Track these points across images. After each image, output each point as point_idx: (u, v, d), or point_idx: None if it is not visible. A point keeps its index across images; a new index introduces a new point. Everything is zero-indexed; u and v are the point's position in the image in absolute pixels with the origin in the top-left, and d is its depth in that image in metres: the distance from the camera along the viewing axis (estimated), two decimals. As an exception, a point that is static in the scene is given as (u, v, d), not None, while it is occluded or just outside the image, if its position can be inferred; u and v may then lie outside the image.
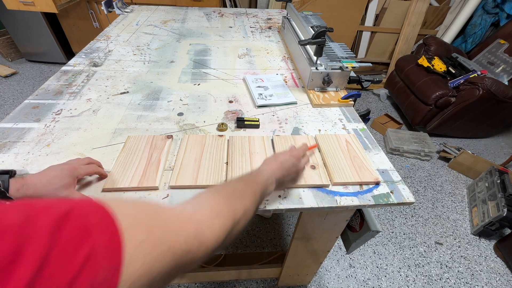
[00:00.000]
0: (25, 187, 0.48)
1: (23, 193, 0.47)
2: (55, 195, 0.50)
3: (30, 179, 0.49)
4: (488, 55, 2.30)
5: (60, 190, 0.51)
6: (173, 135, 0.77)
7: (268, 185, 0.50)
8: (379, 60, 2.93)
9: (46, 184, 0.50)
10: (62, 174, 0.52)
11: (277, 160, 0.56)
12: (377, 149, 0.78)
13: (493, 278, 1.40)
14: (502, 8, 2.36)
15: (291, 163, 0.56)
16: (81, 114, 0.83)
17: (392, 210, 1.69)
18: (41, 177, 0.51)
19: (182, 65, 1.14)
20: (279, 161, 0.55)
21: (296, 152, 0.59)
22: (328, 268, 1.39)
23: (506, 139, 2.40)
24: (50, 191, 0.50)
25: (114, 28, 1.44)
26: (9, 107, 2.30)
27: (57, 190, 0.51)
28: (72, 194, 0.53)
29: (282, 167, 0.55)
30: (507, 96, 1.87)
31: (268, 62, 1.21)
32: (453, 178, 1.96)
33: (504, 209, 1.43)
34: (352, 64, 0.96)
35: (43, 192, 0.49)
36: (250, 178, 0.49)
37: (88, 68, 1.07)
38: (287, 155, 0.57)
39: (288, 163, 0.56)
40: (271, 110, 0.92)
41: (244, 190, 0.44)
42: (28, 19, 2.53)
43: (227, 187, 0.44)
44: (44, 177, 0.51)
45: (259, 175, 0.50)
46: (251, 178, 0.49)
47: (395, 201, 0.64)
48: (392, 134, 2.15)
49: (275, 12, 1.87)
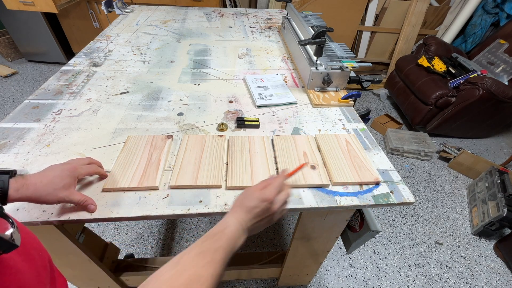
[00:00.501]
0: (25, 187, 0.47)
1: (23, 193, 0.47)
2: (55, 195, 0.50)
3: (30, 179, 0.49)
4: (488, 55, 2.30)
5: (60, 190, 0.51)
6: (173, 135, 0.77)
7: (236, 240, 0.44)
8: (379, 60, 2.93)
9: (46, 184, 0.50)
10: (62, 174, 0.52)
11: (245, 205, 0.47)
12: (377, 149, 0.78)
13: (493, 278, 1.40)
14: (502, 8, 2.36)
15: (263, 208, 0.48)
16: (81, 114, 0.83)
17: (392, 210, 1.69)
18: (42, 177, 0.50)
19: (182, 65, 1.14)
20: (247, 207, 0.47)
21: (269, 191, 0.49)
22: (328, 268, 1.39)
23: (506, 139, 2.40)
24: (50, 191, 0.50)
25: (114, 28, 1.44)
26: (9, 107, 2.30)
27: (57, 190, 0.50)
28: (72, 194, 0.53)
29: (252, 214, 0.47)
30: (507, 96, 1.87)
31: (268, 62, 1.21)
32: (453, 178, 1.96)
33: (504, 209, 1.43)
34: (352, 64, 0.96)
35: (43, 192, 0.49)
36: (210, 244, 0.40)
37: (88, 68, 1.07)
38: (259, 200, 0.48)
39: (258, 209, 0.47)
40: (271, 110, 0.92)
41: (198, 269, 0.36)
42: (28, 19, 2.53)
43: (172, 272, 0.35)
44: (45, 177, 0.50)
45: (222, 234, 0.43)
46: (210, 244, 0.40)
47: (395, 201, 0.64)
48: (392, 134, 2.15)
49: (275, 12, 1.87)
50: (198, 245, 0.40)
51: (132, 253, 1.38)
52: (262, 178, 0.65)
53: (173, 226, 1.53)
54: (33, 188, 0.48)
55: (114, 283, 1.00)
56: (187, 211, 0.58)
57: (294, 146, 0.75)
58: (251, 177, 0.65)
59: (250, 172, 0.66)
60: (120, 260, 1.08)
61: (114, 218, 0.56)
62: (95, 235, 0.95)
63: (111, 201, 0.59)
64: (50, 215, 0.55)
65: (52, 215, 0.55)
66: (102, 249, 0.98)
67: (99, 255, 0.94)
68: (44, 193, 0.49)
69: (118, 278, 1.02)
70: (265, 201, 0.48)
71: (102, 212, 0.56)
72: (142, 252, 1.40)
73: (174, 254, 1.39)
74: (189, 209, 0.59)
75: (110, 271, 0.97)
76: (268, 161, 0.70)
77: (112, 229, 1.48)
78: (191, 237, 1.47)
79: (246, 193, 0.50)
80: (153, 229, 1.49)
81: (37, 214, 0.55)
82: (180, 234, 1.48)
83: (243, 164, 0.68)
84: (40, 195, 0.49)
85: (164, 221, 1.55)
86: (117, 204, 0.58)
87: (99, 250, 0.96)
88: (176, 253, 1.49)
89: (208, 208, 0.59)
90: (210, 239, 0.42)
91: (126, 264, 1.07)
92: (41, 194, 0.49)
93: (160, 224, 1.52)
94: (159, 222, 1.53)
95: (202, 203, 0.60)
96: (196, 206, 0.59)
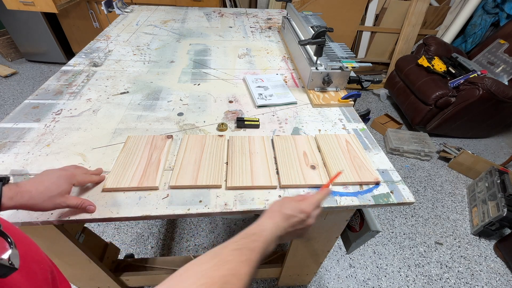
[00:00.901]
0: (19, 195, 0.45)
1: (17, 201, 0.45)
2: (51, 202, 0.49)
3: (25, 186, 0.47)
4: (488, 55, 2.30)
5: (56, 197, 0.50)
6: (173, 135, 0.77)
7: (270, 244, 0.42)
8: (379, 60, 2.93)
9: (42, 192, 0.48)
10: (59, 182, 0.51)
11: (283, 212, 0.47)
12: (377, 149, 0.78)
13: (493, 278, 1.40)
14: (502, 8, 2.36)
15: (299, 219, 0.47)
16: (81, 114, 0.83)
17: (392, 210, 1.69)
18: (37, 184, 0.49)
19: (182, 65, 1.14)
20: (285, 215, 0.47)
21: (308, 204, 0.49)
22: (328, 268, 1.39)
23: (506, 139, 2.40)
24: (45, 199, 0.48)
25: (114, 28, 1.44)
26: (9, 107, 2.30)
27: (53, 198, 0.49)
28: (68, 199, 0.52)
29: (288, 223, 0.46)
30: (507, 96, 1.87)
31: (268, 62, 1.21)
32: (453, 178, 1.96)
33: (504, 209, 1.43)
34: (352, 64, 0.96)
35: (39, 200, 0.48)
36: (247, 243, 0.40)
37: (88, 68, 1.07)
38: (297, 210, 0.47)
39: (295, 219, 0.47)
40: (271, 110, 0.92)
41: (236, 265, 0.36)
42: (28, 19, 2.53)
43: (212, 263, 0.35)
44: (41, 184, 0.49)
45: (259, 236, 0.42)
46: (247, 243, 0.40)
47: (395, 201, 0.64)
48: (392, 134, 2.15)
49: (275, 12, 1.87)
50: (235, 242, 0.40)
51: (132, 253, 1.38)
52: (262, 178, 0.65)
53: (173, 226, 1.53)
54: (28, 196, 0.46)
55: (114, 283, 1.00)
56: (187, 211, 0.58)
57: (294, 146, 0.75)
58: (251, 177, 0.65)
59: (250, 172, 0.66)
60: (120, 260, 1.08)
61: (114, 218, 0.56)
62: (95, 235, 0.95)
63: (111, 201, 0.59)
64: (50, 215, 0.55)
65: (52, 215, 0.55)
66: (102, 249, 0.98)
67: (99, 255, 0.94)
68: (39, 200, 0.48)
69: (118, 278, 1.02)
70: (303, 213, 0.48)
71: (102, 212, 0.56)
72: (142, 252, 1.40)
73: (174, 254, 1.40)
74: (189, 209, 0.59)
75: (110, 271, 0.97)
76: (268, 161, 0.70)
77: (112, 229, 1.48)
78: (191, 237, 1.47)
79: (284, 201, 0.50)
80: (153, 229, 1.49)
81: (37, 214, 0.55)
82: (180, 234, 1.48)
83: (243, 164, 0.68)
84: (36, 203, 0.47)
85: (164, 221, 1.55)
86: (117, 204, 0.58)
87: (99, 250, 0.96)
88: (176, 253, 1.48)
89: (208, 208, 0.59)
90: (247, 238, 0.41)
91: (126, 264, 1.07)
92: (37, 201, 0.47)
93: (160, 224, 1.52)
94: (159, 222, 1.53)
95: (202, 203, 0.60)
96: (196, 206, 0.59)
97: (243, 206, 0.60)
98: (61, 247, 0.74)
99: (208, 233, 1.50)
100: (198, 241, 1.46)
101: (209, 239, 1.47)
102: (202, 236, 1.48)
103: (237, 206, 0.60)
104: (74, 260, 0.82)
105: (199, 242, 1.46)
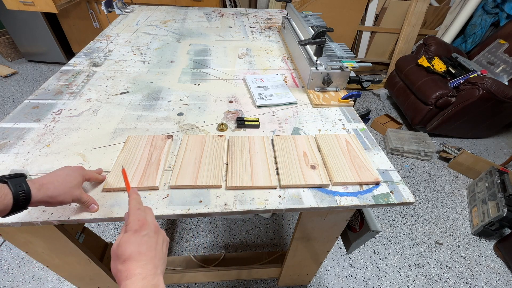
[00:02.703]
0: (45, 187, 0.47)
1: (44, 193, 0.46)
2: (70, 193, 0.50)
3: (44, 179, 0.48)
4: (488, 55, 2.30)
5: (74, 188, 0.51)
6: (173, 135, 0.77)
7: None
8: (379, 60, 2.93)
9: (62, 183, 0.49)
10: (74, 174, 0.52)
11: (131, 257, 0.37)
12: (377, 149, 0.78)
13: (493, 278, 1.40)
14: (502, 8, 2.36)
15: (146, 235, 0.41)
16: (81, 114, 0.83)
17: (392, 210, 1.69)
18: (55, 176, 0.50)
19: (182, 65, 1.14)
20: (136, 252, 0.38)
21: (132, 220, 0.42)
22: (328, 268, 1.39)
23: (506, 139, 2.40)
24: (66, 190, 0.49)
25: (114, 28, 1.44)
26: (9, 107, 2.30)
27: (73, 189, 0.50)
28: (82, 193, 0.53)
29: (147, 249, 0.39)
30: (507, 96, 1.87)
31: (268, 62, 1.21)
32: (453, 178, 1.96)
33: (504, 209, 1.43)
34: (352, 64, 0.96)
35: (61, 191, 0.49)
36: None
37: (88, 68, 1.07)
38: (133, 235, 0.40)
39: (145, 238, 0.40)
40: (271, 110, 0.92)
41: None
42: (28, 19, 2.53)
43: None
44: (58, 176, 0.50)
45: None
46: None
47: (395, 201, 0.64)
48: (392, 134, 2.16)
49: (275, 12, 1.87)
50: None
51: (132, 253, 1.38)
52: (262, 178, 0.65)
53: (173, 226, 1.53)
54: (52, 187, 0.48)
55: (114, 283, 1.00)
56: (187, 211, 0.58)
57: (294, 146, 0.75)
58: (251, 177, 0.65)
59: (250, 172, 0.66)
60: (120, 260, 1.08)
61: (114, 218, 0.56)
62: (95, 235, 0.95)
63: (111, 201, 0.59)
64: (50, 215, 0.55)
65: (52, 215, 0.55)
66: (102, 249, 0.98)
67: (99, 255, 0.94)
68: (62, 191, 0.49)
69: (118, 278, 1.02)
70: (139, 229, 0.41)
71: (102, 212, 0.56)
72: (142, 252, 1.39)
73: (174, 254, 1.40)
74: (189, 209, 0.59)
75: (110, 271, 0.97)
76: (268, 161, 0.70)
77: (112, 229, 1.48)
78: (191, 237, 1.47)
79: (118, 249, 0.39)
80: (153, 229, 1.49)
81: (37, 214, 0.55)
82: (180, 234, 1.48)
83: (243, 164, 0.68)
84: (59, 193, 0.48)
85: (164, 221, 1.55)
86: (117, 204, 0.58)
87: (99, 250, 0.96)
88: (176, 253, 1.48)
89: (208, 208, 0.59)
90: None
91: (126, 264, 1.07)
92: (60, 192, 0.48)
93: (160, 224, 1.52)
94: (159, 222, 1.53)
95: (202, 203, 0.60)
96: (196, 206, 0.59)
97: (243, 206, 0.60)
98: (61, 247, 0.74)
99: (208, 233, 1.50)
100: (198, 241, 1.46)
101: (209, 239, 1.47)
102: (202, 236, 1.48)
103: (237, 206, 0.60)
104: (74, 260, 0.82)
105: (199, 242, 1.46)
